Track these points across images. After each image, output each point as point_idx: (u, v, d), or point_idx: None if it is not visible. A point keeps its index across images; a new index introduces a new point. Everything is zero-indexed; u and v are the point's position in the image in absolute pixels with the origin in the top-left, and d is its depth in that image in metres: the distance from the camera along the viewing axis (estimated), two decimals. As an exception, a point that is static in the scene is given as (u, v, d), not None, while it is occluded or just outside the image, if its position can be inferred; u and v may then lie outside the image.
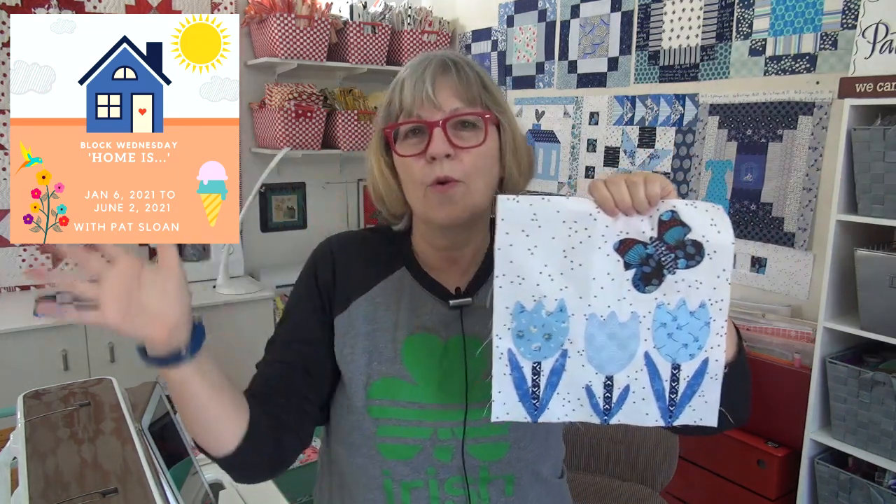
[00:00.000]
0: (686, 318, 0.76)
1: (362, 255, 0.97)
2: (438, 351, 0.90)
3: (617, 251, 0.75)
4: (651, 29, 2.42)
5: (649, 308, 0.76)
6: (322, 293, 0.94)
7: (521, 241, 0.74)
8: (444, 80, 0.86)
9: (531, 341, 0.77)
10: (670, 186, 0.74)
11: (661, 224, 0.74)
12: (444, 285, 0.93)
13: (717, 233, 0.73)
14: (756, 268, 2.17)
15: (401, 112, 0.87)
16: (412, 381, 0.89)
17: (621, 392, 0.78)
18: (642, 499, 1.45)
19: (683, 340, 0.77)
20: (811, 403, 1.79)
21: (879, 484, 1.69)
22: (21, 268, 2.63)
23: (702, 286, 0.75)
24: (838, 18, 1.90)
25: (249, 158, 3.03)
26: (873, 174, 1.63)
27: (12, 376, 2.19)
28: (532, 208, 0.73)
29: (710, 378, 0.77)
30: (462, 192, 0.85)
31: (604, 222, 0.74)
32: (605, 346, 0.77)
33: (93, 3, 2.61)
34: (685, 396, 0.78)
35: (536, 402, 0.78)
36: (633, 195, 0.73)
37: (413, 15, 3.16)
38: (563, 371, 0.77)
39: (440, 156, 0.83)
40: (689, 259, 0.74)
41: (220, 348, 2.75)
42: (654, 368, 0.77)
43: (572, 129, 2.78)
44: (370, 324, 0.92)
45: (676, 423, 0.78)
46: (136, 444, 0.78)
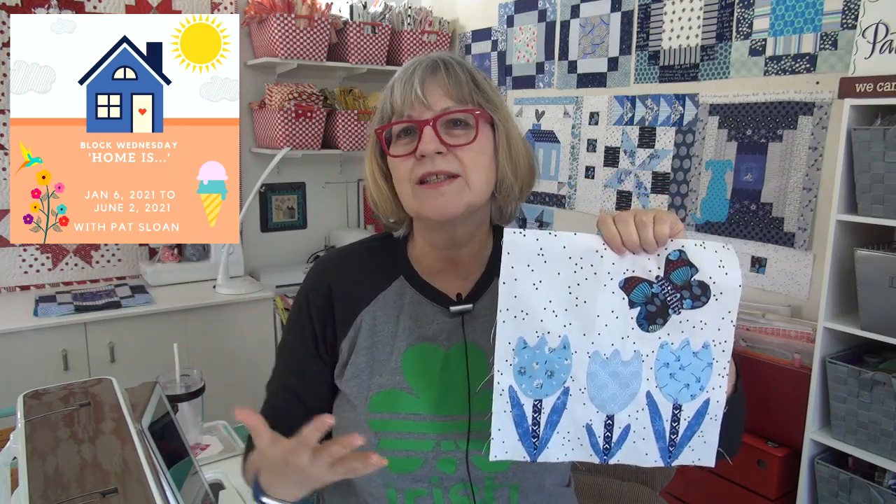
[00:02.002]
0: (689, 358, 0.76)
1: (357, 271, 0.95)
2: (439, 361, 0.89)
3: (622, 289, 0.74)
4: (651, 29, 2.42)
5: (653, 347, 0.75)
6: (316, 323, 0.93)
7: (526, 276, 0.73)
8: (433, 80, 0.86)
9: (533, 378, 0.76)
10: (679, 226, 0.73)
11: (668, 263, 0.74)
12: (445, 291, 0.92)
13: (725, 274, 0.73)
14: (756, 268, 2.17)
15: (392, 114, 0.88)
16: (413, 393, 0.88)
17: (622, 431, 0.77)
18: (642, 499, 1.45)
19: (685, 381, 0.76)
20: (811, 403, 1.79)
21: (879, 484, 1.69)
22: (21, 268, 2.63)
23: (706, 327, 0.74)
24: (838, 18, 1.90)
25: (249, 158, 3.03)
26: (873, 174, 1.63)
27: (12, 376, 2.19)
28: (538, 243, 0.73)
29: (710, 419, 0.77)
30: (459, 187, 0.85)
31: (610, 259, 0.73)
32: (607, 384, 0.76)
33: (93, 3, 2.61)
34: (685, 437, 0.78)
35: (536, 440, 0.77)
36: (642, 234, 0.72)
37: (413, 15, 3.16)
38: (565, 409, 0.76)
39: (430, 153, 0.83)
40: (694, 300, 0.74)
41: (220, 348, 2.76)
42: (656, 408, 0.77)
43: (572, 129, 2.79)
44: (371, 337, 0.91)
45: (675, 463, 0.78)
46: (136, 444, 0.78)
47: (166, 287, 2.71)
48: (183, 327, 2.50)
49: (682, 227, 0.74)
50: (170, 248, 2.82)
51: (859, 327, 1.70)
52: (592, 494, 1.47)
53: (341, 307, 0.92)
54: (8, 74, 1.92)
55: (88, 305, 2.40)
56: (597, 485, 1.49)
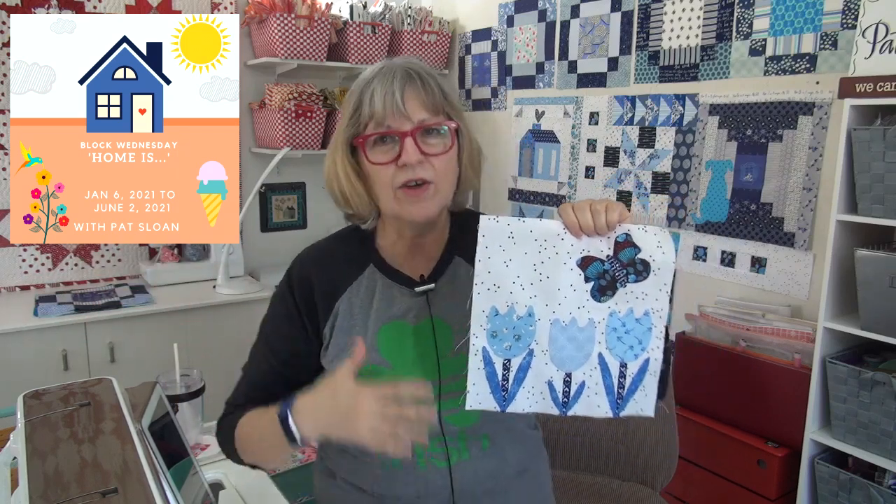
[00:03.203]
0: (633, 324, 0.89)
1: (333, 263, 1.05)
2: (410, 335, 1.00)
3: (579, 266, 0.88)
4: (651, 29, 2.42)
5: (603, 315, 0.89)
6: (301, 309, 1.03)
7: (498, 255, 0.86)
8: (410, 91, 0.94)
9: (503, 341, 0.88)
10: (627, 213, 0.87)
11: (616, 245, 0.88)
12: (410, 275, 1.03)
13: (662, 253, 0.87)
14: (756, 268, 2.17)
15: (370, 121, 0.95)
16: (389, 366, 0.99)
17: (578, 387, 0.90)
18: (642, 499, 1.45)
19: (630, 343, 0.89)
20: (811, 403, 1.79)
21: (879, 484, 1.69)
22: (21, 268, 2.63)
23: (647, 297, 0.88)
24: (838, 18, 1.90)
25: (249, 158, 3.03)
26: (873, 174, 1.63)
27: (12, 376, 2.19)
28: (509, 227, 0.86)
29: (650, 374, 0.90)
30: (433, 192, 0.95)
31: (569, 242, 0.87)
32: (565, 347, 0.89)
33: (93, 3, 2.61)
34: (630, 391, 0.90)
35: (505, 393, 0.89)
36: (596, 221, 0.86)
37: (413, 15, 3.16)
38: (529, 368, 0.89)
39: (413, 163, 0.92)
40: (637, 275, 0.87)
41: (220, 348, 2.76)
42: (606, 367, 0.90)
43: (572, 129, 2.79)
44: (349, 320, 1.01)
45: (622, 414, 0.91)
46: (136, 444, 0.78)
47: (166, 287, 2.71)
48: (183, 327, 2.50)
49: (629, 214, 0.88)
50: (170, 248, 2.82)
51: (859, 327, 1.69)
52: (592, 494, 1.47)
53: (321, 297, 1.02)
54: (8, 74, 1.92)
55: (88, 305, 2.40)
56: (597, 485, 1.49)
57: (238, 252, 2.85)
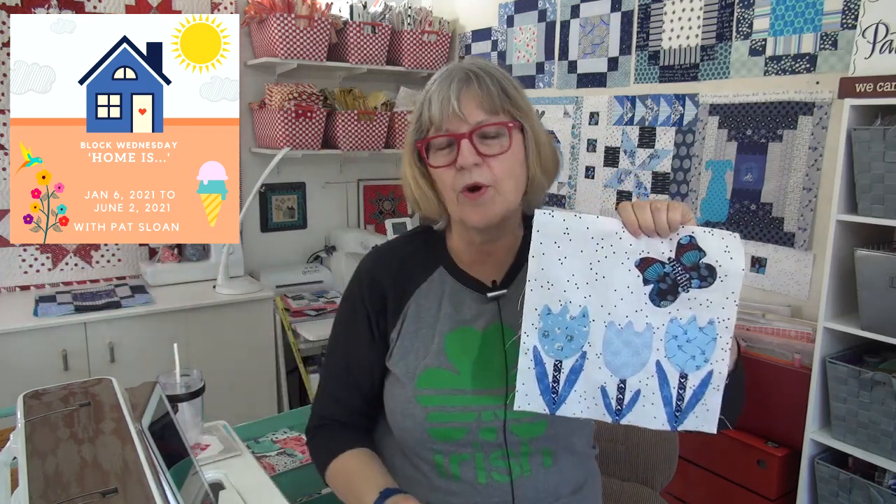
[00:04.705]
0: (695, 332, 0.84)
1: (403, 265, 1.05)
2: (477, 341, 0.99)
3: (637, 268, 0.83)
4: (651, 29, 2.42)
5: (663, 321, 0.84)
6: (371, 315, 1.04)
7: (552, 252, 0.83)
8: (467, 93, 0.93)
9: (555, 341, 0.85)
10: (690, 214, 0.83)
11: (679, 247, 0.82)
12: (481, 279, 1.02)
13: (730, 259, 0.81)
14: (756, 268, 2.17)
15: (430, 125, 0.96)
16: (455, 370, 0.98)
17: (633, 395, 0.85)
18: (642, 499, 1.45)
19: (692, 353, 0.84)
20: (811, 403, 1.79)
21: (879, 484, 1.69)
22: (21, 268, 2.63)
23: (712, 305, 0.83)
24: (838, 18, 1.90)
25: (249, 158, 3.03)
26: (873, 174, 1.63)
27: (12, 376, 2.19)
28: (565, 223, 0.82)
29: (713, 388, 0.85)
30: (492, 196, 0.93)
31: (628, 241, 0.83)
32: (620, 351, 0.84)
33: (93, 3, 2.61)
34: (690, 404, 0.86)
35: (555, 395, 0.86)
36: (656, 220, 0.81)
37: (413, 15, 3.16)
38: (582, 371, 0.85)
39: (469, 166, 0.91)
40: (702, 280, 0.82)
41: (220, 348, 2.76)
42: (664, 376, 0.85)
43: (572, 129, 2.79)
44: (416, 322, 1.01)
45: (680, 428, 0.86)
46: (136, 444, 0.78)
47: (166, 287, 2.71)
48: (183, 327, 2.50)
49: (693, 217, 0.83)
50: (170, 248, 2.82)
51: (859, 327, 1.69)
52: (592, 494, 1.47)
53: (391, 299, 1.03)
54: (8, 74, 1.92)
55: (88, 305, 2.40)
56: (597, 485, 1.49)
57: (238, 252, 2.85)
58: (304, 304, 2.93)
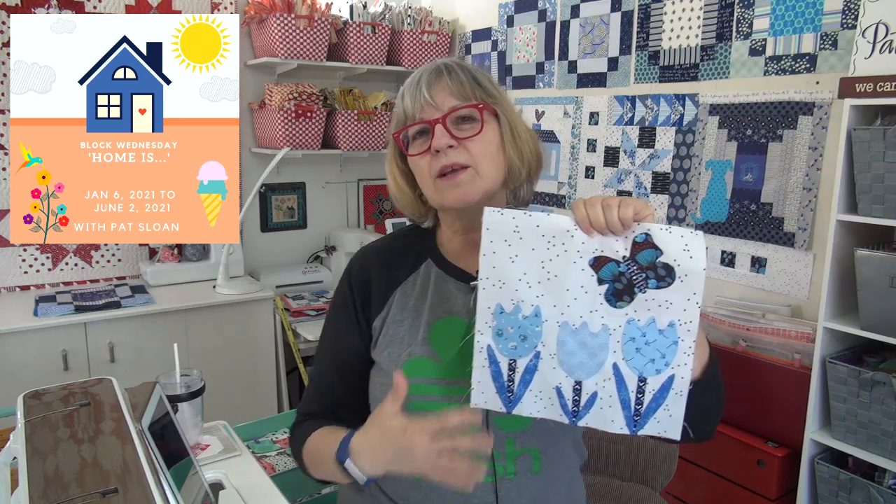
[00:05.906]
0: (655, 335, 0.81)
1: (390, 257, 1.07)
2: (462, 331, 0.98)
3: (592, 267, 0.81)
4: (651, 29, 2.42)
5: (620, 322, 0.81)
6: (357, 300, 1.05)
7: (503, 250, 0.81)
8: (438, 84, 0.96)
9: (509, 340, 0.83)
10: (647, 211, 0.79)
11: (634, 245, 0.79)
12: (467, 270, 1.03)
13: (690, 258, 0.78)
14: (756, 268, 2.17)
15: (406, 119, 0.98)
16: (439, 359, 0.98)
17: (589, 397, 0.83)
18: (642, 499, 1.45)
19: (651, 356, 0.81)
20: (811, 403, 1.79)
21: (879, 484, 1.69)
22: (21, 268, 2.63)
23: (672, 307, 0.80)
24: (838, 18, 1.90)
25: (249, 158, 3.03)
26: (873, 174, 1.63)
27: (12, 376, 2.19)
28: (514, 221, 0.81)
29: (675, 393, 0.82)
30: (471, 176, 0.94)
31: (580, 239, 0.80)
32: (575, 352, 0.82)
33: (93, 3, 2.61)
34: (650, 409, 0.83)
35: (511, 394, 0.85)
36: (607, 216, 0.79)
37: (413, 15, 3.16)
38: (536, 371, 0.84)
39: (443, 147, 0.93)
40: (659, 280, 0.79)
41: (220, 348, 2.76)
42: (622, 379, 0.83)
43: (572, 129, 2.79)
44: (402, 312, 1.02)
45: (641, 432, 0.83)
46: (136, 444, 0.78)
47: (166, 287, 2.71)
48: (183, 327, 2.50)
49: (650, 213, 0.79)
50: (170, 248, 2.82)
51: (859, 327, 1.69)
52: (592, 494, 1.47)
53: (378, 287, 1.04)
54: (8, 74, 1.92)
55: (88, 305, 2.40)
56: (597, 485, 1.49)
57: (238, 252, 2.85)
58: (304, 304, 2.93)
